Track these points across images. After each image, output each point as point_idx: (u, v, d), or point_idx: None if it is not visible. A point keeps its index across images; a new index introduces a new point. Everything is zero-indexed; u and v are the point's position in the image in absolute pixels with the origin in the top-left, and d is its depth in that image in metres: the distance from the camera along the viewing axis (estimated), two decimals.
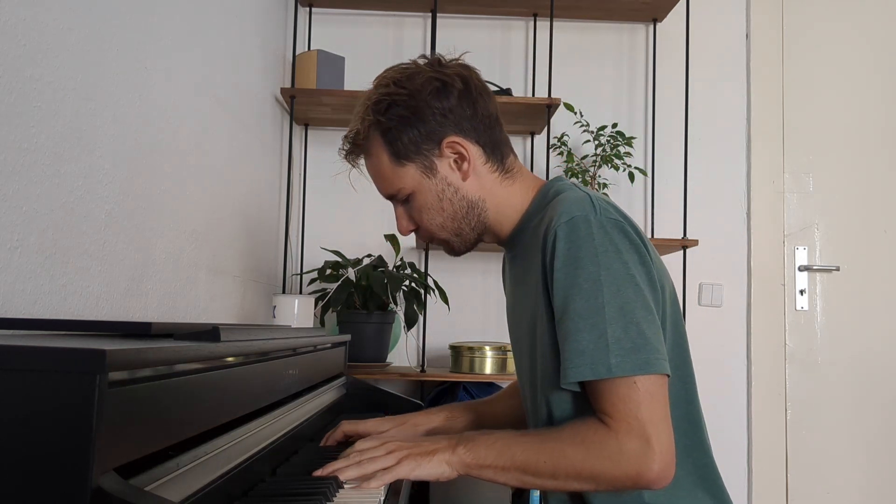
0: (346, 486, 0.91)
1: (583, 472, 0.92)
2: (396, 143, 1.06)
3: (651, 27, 2.55)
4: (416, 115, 1.05)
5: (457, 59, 1.11)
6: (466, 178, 1.08)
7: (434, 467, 0.95)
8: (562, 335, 0.96)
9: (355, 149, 1.11)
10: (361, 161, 1.13)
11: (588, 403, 0.96)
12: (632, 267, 0.96)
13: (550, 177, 1.86)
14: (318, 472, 0.92)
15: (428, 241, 1.16)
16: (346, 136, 1.11)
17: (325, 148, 2.48)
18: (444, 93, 1.06)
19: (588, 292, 0.94)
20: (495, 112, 1.11)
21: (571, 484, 0.94)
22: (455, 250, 1.16)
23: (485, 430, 1.01)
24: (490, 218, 1.11)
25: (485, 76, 1.20)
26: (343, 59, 2.32)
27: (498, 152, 1.11)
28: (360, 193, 2.47)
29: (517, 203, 1.11)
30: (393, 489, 0.93)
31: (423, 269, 2.21)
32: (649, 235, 2.43)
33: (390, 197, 1.12)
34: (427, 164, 1.07)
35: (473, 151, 1.08)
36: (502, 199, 1.11)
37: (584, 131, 2.38)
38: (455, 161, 1.08)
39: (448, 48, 2.55)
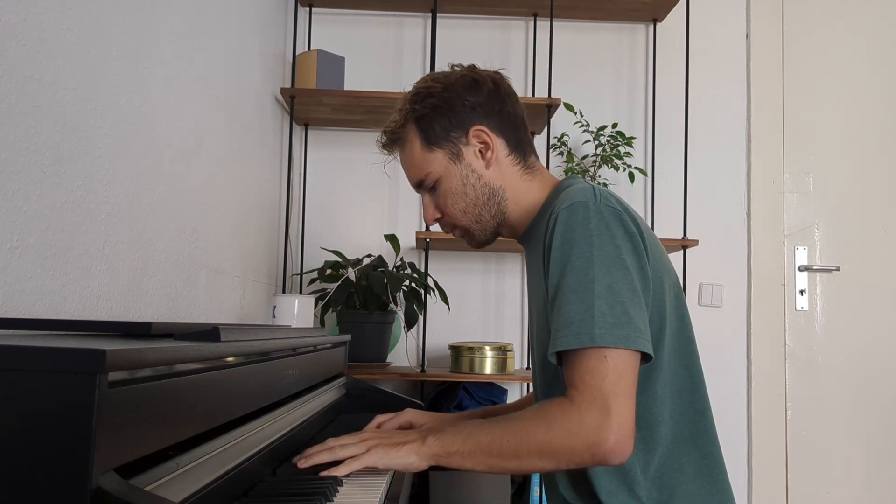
0: (346, 482, 0.91)
1: (545, 447, 0.95)
2: (428, 129, 1.16)
3: (651, 27, 2.55)
4: (448, 104, 1.15)
5: (492, 70, 1.22)
6: (489, 167, 1.16)
7: (402, 457, 0.98)
8: (553, 310, 1.00)
9: (393, 137, 1.20)
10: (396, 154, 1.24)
11: None
12: (623, 252, 1.00)
13: None
14: (296, 460, 0.96)
15: (450, 229, 1.23)
16: (384, 128, 1.21)
17: (325, 148, 2.48)
18: (475, 88, 1.16)
19: (580, 269, 0.98)
20: (521, 115, 1.20)
21: (534, 462, 0.96)
22: (476, 238, 1.22)
23: (458, 416, 1.04)
24: (509, 208, 1.18)
25: None
26: (343, 59, 2.32)
27: (521, 150, 1.19)
28: (359, 194, 2.48)
29: (534, 198, 1.18)
30: (392, 491, 0.93)
31: (423, 269, 2.21)
32: None
33: (419, 184, 1.20)
34: (454, 151, 1.16)
35: (498, 143, 1.17)
36: (521, 192, 1.18)
37: (584, 131, 2.38)
38: (480, 150, 1.16)
39: (448, 48, 2.56)
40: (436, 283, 2.17)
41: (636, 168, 2.36)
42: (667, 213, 2.47)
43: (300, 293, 2.26)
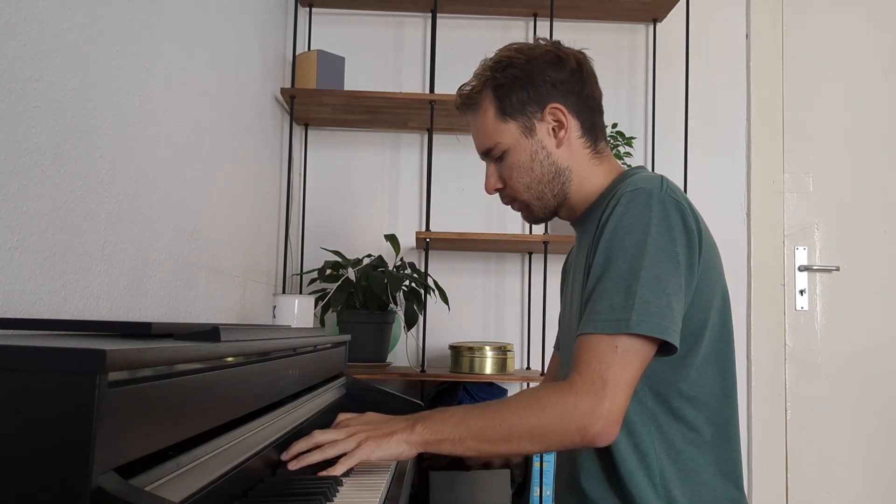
0: (346, 482, 0.91)
1: (536, 430, 0.97)
2: (505, 99, 1.15)
3: (651, 27, 2.55)
4: (528, 77, 1.14)
5: (576, 49, 1.21)
6: (560, 146, 1.16)
7: (393, 447, 0.99)
8: (596, 290, 1.00)
9: (468, 101, 1.20)
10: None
11: None
12: (678, 245, 1.00)
13: None
14: (284, 457, 0.95)
15: (510, 201, 1.22)
16: (460, 91, 1.20)
17: (325, 148, 2.48)
18: (558, 65, 1.15)
19: (632, 257, 0.99)
20: (599, 99, 1.21)
21: (524, 445, 0.98)
22: (533, 214, 1.22)
23: (442, 408, 1.04)
24: (572, 189, 1.18)
25: None
26: (343, 59, 2.32)
27: (593, 133, 1.19)
28: (359, 194, 2.47)
29: (598, 182, 1.18)
30: (392, 491, 0.93)
31: (423, 269, 2.21)
32: None
33: (486, 152, 1.20)
34: (528, 125, 1.15)
35: (572, 123, 1.16)
36: (587, 175, 1.18)
37: None
38: (553, 128, 1.16)
39: (448, 48, 2.55)
40: (436, 283, 2.17)
41: None
42: None
43: (300, 293, 2.26)
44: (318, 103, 2.26)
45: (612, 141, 2.33)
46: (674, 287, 0.98)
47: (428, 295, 2.15)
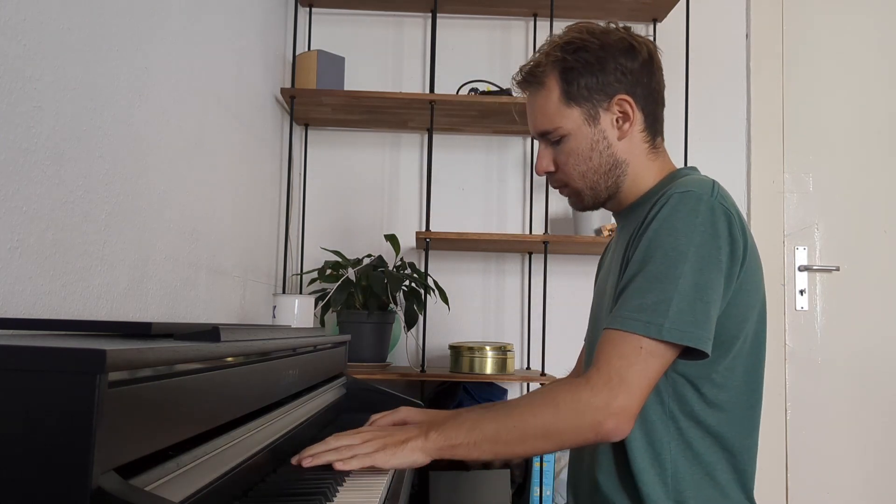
0: (346, 482, 0.91)
1: (550, 429, 0.96)
2: (573, 84, 1.11)
3: (651, 27, 2.55)
4: (600, 64, 1.11)
5: (646, 37, 1.18)
6: (622, 138, 1.13)
7: (407, 455, 0.98)
8: (629, 287, 0.99)
9: (530, 78, 1.16)
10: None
11: None
12: (722, 254, 0.99)
13: None
14: (295, 459, 0.94)
15: (560, 186, 1.20)
16: (523, 67, 1.17)
17: (325, 148, 2.48)
18: (631, 54, 1.12)
19: (671, 260, 0.97)
20: (663, 92, 1.17)
21: (539, 444, 0.98)
22: (583, 203, 1.19)
23: (454, 412, 1.03)
24: (625, 183, 1.15)
25: (485, 76, 1.21)
26: (343, 59, 2.32)
27: (654, 128, 1.16)
28: (360, 194, 2.48)
29: (650, 178, 1.16)
30: (392, 491, 0.93)
31: (423, 269, 2.21)
32: None
33: (543, 134, 1.16)
34: (592, 113, 1.12)
35: (637, 116, 1.13)
36: (641, 169, 1.15)
37: None
38: (618, 119, 1.13)
39: (448, 48, 2.54)
40: (436, 283, 2.17)
41: None
42: None
43: (300, 293, 2.26)
44: (318, 103, 2.26)
45: None
46: (713, 294, 0.97)
47: (428, 295, 2.15)
